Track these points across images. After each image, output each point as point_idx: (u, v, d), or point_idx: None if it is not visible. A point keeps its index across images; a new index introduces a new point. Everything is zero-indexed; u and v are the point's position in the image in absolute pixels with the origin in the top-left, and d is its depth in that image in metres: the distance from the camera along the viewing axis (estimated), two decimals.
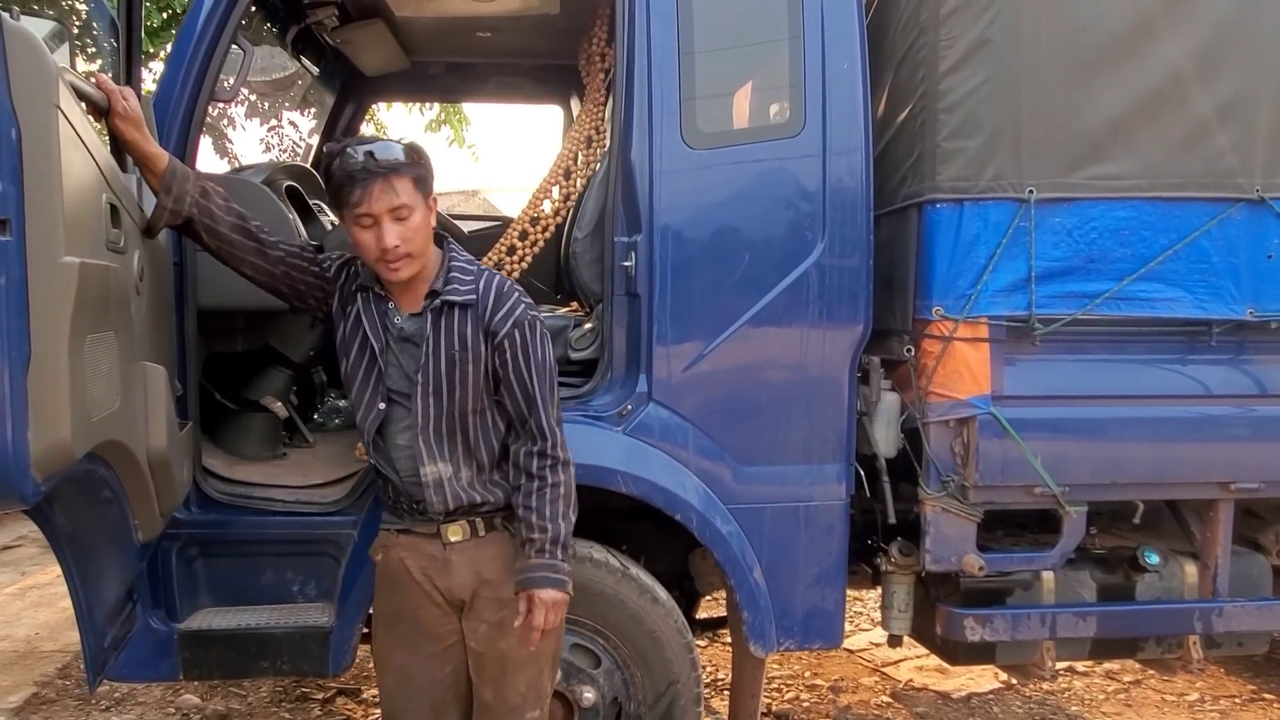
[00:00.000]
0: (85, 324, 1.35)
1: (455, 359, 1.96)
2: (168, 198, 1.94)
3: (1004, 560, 2.74)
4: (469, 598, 2.05)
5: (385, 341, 2.00)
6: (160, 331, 2.03)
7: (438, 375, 1.97)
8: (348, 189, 1.87)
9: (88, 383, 1.35)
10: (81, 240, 1.37)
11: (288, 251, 2.08)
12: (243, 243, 2.03)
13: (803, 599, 2.64)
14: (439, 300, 1.98)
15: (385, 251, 1.88)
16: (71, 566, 1.76)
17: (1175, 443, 2.69)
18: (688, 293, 2.49)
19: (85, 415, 1.35)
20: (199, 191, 1.98)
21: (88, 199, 1.41)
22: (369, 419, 2.02)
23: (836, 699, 3.83)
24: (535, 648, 1.99)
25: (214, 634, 2.45)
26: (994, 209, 2.57)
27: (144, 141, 1.92)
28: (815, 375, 2.57)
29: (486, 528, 2.06)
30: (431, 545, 2.04)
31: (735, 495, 2.57)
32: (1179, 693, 3.96)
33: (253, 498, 2.53)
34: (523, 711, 2.07)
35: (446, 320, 1.97)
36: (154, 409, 1.77)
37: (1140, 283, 2.62)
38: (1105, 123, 2.58)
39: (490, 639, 2.04)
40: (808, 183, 2.53)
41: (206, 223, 1.99)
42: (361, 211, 1.87)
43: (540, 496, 1.96)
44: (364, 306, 2.02)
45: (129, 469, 1.69)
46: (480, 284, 2.00)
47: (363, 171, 1.85)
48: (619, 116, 2.49)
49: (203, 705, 3.48)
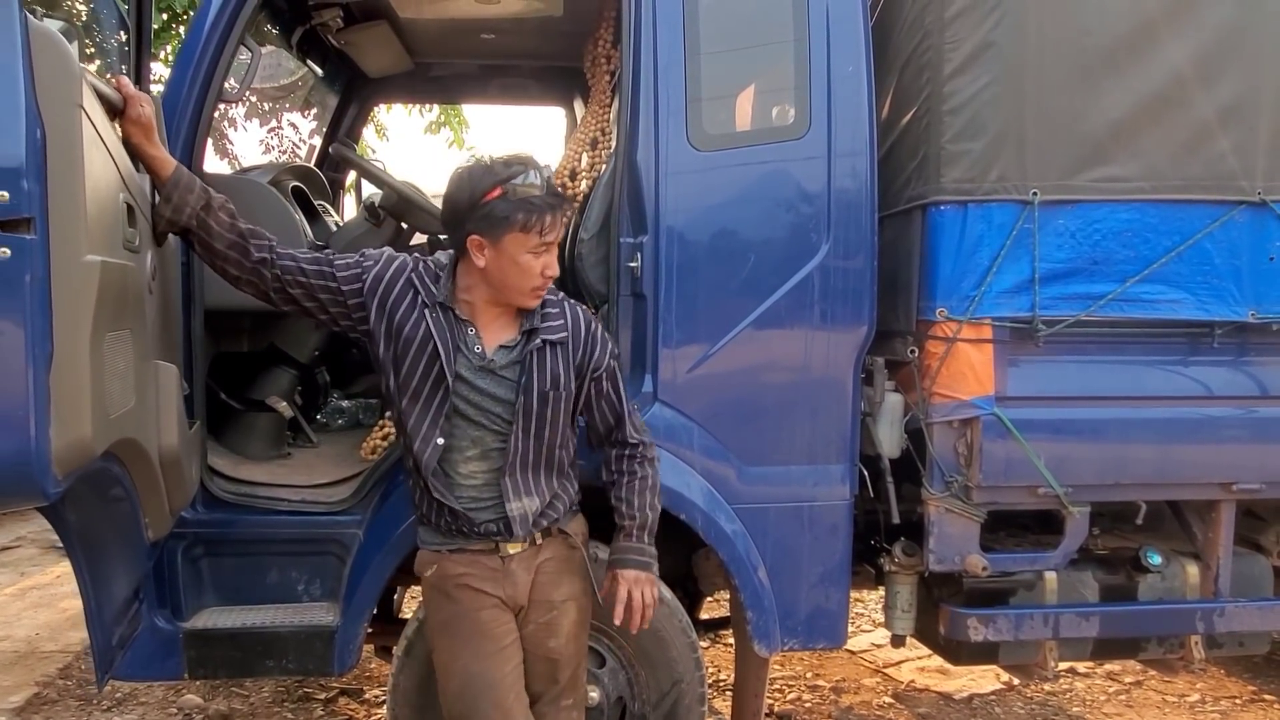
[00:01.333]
0: (105, 322, 1.36)
1: (548, 397, 1.99)
2: (166, 206, 1.91)
3: (1007, 561, 2.75)
4: (527, 603, 2.07)
5: (458, 369, 1.95)
6: (170, 331, 2.04)
7: (529, 413, 1.98)
8: (527, 214, 1.86)
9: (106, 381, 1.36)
10: (102, 239, 1.37)
11: (287, 268, 1.97)
12: (239, 260, 1.96)
13: (806, 599, 2.64)
14: (539, 340, 1.98)
15: (548, 280, 1.93)
16: (82, 564, 1.76)
17: (1177, 444, 2.70)
18: (693, 294, 2.50)
19: (104, 413, 1.35)
20: (201, 205, 1.93)
21: (108, 199, 1.42)
22: (426, 453, 1.96)
23: (838, 700, 3.84)
24: (635, 628, 2.07)
25: (219, 633, 2.45)
26: (998, 211, 2.58)
27: (152, 147, 1.90)
28: (819, 376, 2.58)
29: (542, 535, 2.08)
30: (489, 559, 2.05)
31: (740, 495, 2.58)
32: (1180, 693, 3.98)
33: (258, 497, 2.54)
34: (561, 700, 2.13)
35: (540, 358, 1.99)
36: (166, 407, 1.78)
37: (1143, 284, 2.63)
38: (1108, 125, 2.59)
39: (538, 639, 2.08)
40: (812, 185, 2.54)
41: (202, 236, 1.95)
42: (547, 240, 1.89)
43: (630, 489, 2.11)
44: (436, 326, 1.95)
45: (142, 467, 1.69)
46: (569, 319, 2.04)
47: (549, 198, 1.89)
48: (624, 118, 2.50)
49: (204, 706, 3.48)
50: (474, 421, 1.99)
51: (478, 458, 2.01)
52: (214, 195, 1.97)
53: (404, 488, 2.51)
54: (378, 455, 2.69)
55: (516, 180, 1.88)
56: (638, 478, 2.12)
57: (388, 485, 2.57)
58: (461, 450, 2.00)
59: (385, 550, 2.43)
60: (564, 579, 2.11)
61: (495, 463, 2.01)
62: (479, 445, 2.00)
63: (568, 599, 2.11)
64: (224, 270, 2.00)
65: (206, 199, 1.94)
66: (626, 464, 2.14)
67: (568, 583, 2.12)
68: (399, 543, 2.43)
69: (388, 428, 2.74)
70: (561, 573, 2.11)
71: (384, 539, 2.45)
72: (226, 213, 1.97)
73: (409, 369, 1.96)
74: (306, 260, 2.01)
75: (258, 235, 2.00)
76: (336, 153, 3.25)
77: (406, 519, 2.44)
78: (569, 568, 2.13)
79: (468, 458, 2.01)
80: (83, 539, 1.68)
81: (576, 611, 2.13)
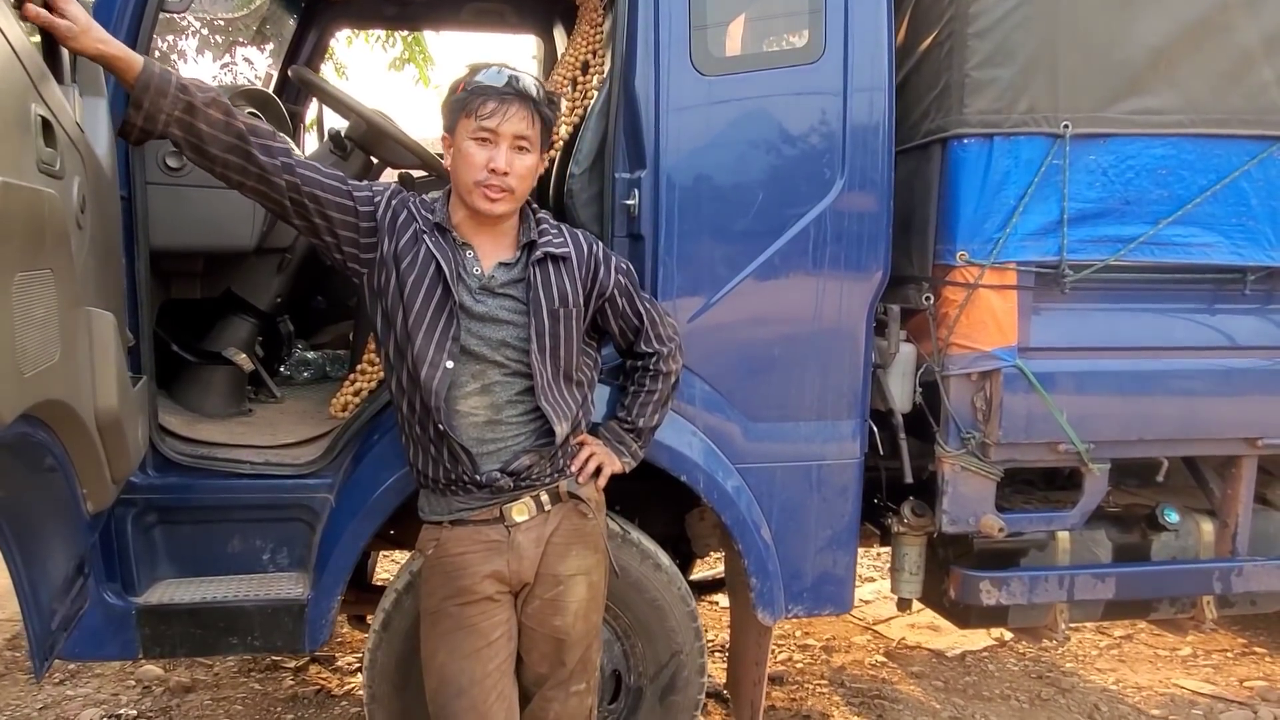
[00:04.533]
0: (13, 259, 1.09)
1: (558, 315, 1.86)
2: (137, 114, 1.65)
3: (1022, 520, 2.61)
4: (533, 579, 1.91)
5: (460, 295, 1.82)
6: (108, 274, 1.76)
7: (541, 333, 1.84)
8: (480, 100, 1.76)
9: (17, 331, 1.10)
10: (3, 156, 1.10)
11: (306, 178, 1.78)
12: (241, 165, 1.73)
13: (813, 564, 2.49)
14: (539, 252, 1.85)
15: (493, 173, 1.76)
16: (11, 544, 1.51)
17: (1204, 397, 2.56)
18: (696, 234, 2.28)
19: (15, 371, 1.09)
20: (181, 108, 1.65)
21: (9, 105, 1.14)
22: (435, 379, 1.80)
23: (829, 660, 3.73)
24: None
25: (176, 609, 2.23)
26: (1026, 145, 2.38)
27: (100, 44, 1.59)
28: (831, 325, 2.38)
29: (552, 500, 1.92)
30: (493, 531, 1.89)
31: (744, 454, 2.39)
32: (1171, 647, 3.92)
33: (217, 459, 2.30)
34: (570, 684, 1.99)
35: (543, 274, 1.86)
36: (101, 362, 1.52)
37: (1175, 226, 2.46)
38: (1146, 52, 2.38)
39: (543, 615, 1.93)
40: (826, 114, 2.31)
41: (192, 141, 1.69)
42: (487, 125, 1.76)
43: (634, 399, 2.09)
44: (437, 248, 1.82)
45: (73, 432, 1.45)
46: (569, 239, 1.93)
47: (507, 89, 1.78)
48: (621, 39, 2.25)
49: (165, 677, 3.27)
50: (474, 354, 1.83)
51: (478, 392, 1.85)
52: (197, 93, 1.68)
53: (379, 448, 2.31)
54: (349, 412, 2.45)
55: (480, 75, 1.81)
56: (644, 390, 2.09)
57: (361, 445, 2.34)
58: (462, 385, 1.84)
59: (361, 516, 2.22)
60: (573, 551, 1.93)
61: (496, 397, 1.86)
62: (479, 379, 1.85)
63: (577, 573, 1.93)
64: (225, 177, 1.78)
65: (187, 100, 1.66)
66: (638, 376, 2.09)
67: (578, 555, 1.94)
68: (375, 507, 2.22)
69: (359, 382, 2.50)
70: (571, 544, 1.93)
71: (359, 504, 2.23)
72: (219, 110, 1.70)
73: (410, 295, 1.81)
74: (325, 173, 1.83)
75: (262, 134, 1.76)
76: (297, 76, 2.93)
77: (383, 482, 2.23)
78: (580, 539, 1.95)
79: (468, 392, 1.85)
80: (9, 516, 1.43)
81: (587, 588, 1.95)
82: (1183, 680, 3.61)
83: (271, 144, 1.75)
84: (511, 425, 1.87)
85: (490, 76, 1.79)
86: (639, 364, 2.09)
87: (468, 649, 1.88)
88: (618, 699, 2.43)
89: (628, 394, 2.11)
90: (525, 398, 1.87)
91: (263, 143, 1.74)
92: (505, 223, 1.88)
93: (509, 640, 1.93)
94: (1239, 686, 3.58)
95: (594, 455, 1.99)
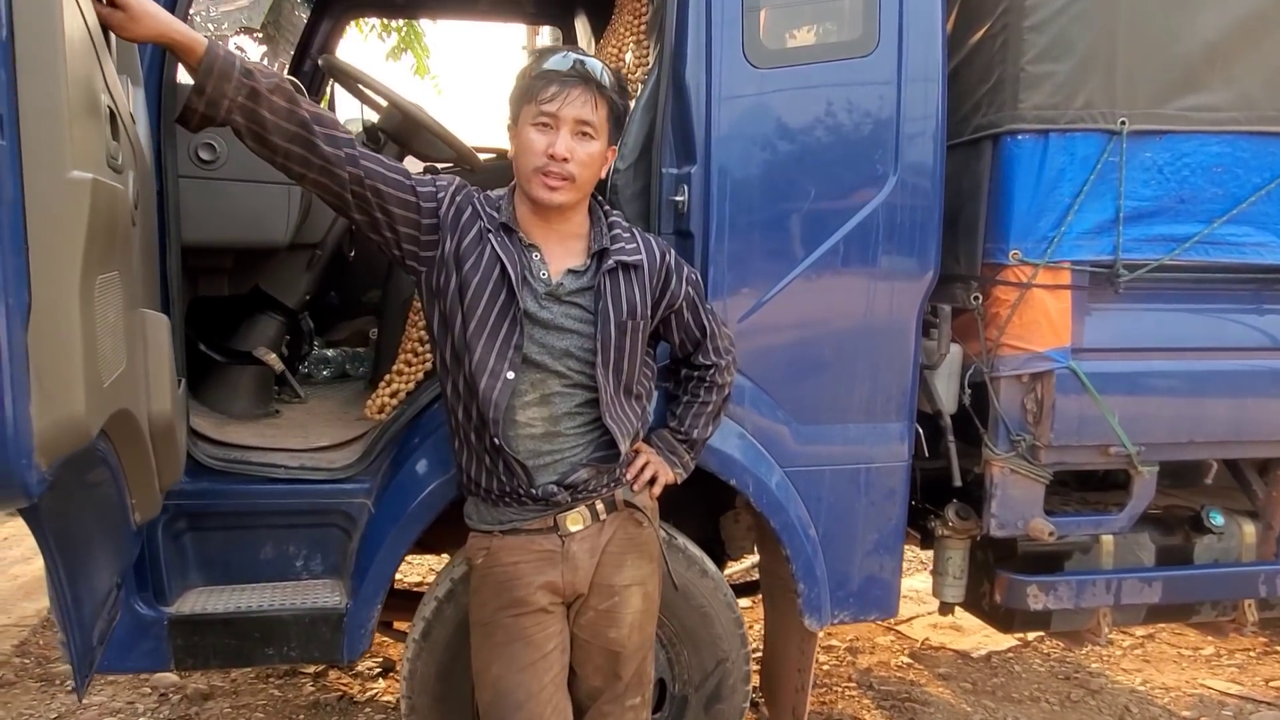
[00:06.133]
0: (95, 262, 1.00)
1: (625, 327, 1.77)
2: (199, 100, 1.55)
3: (1070, 524, 2.56)
4: (587, 589, 1.84)
5: (524, 300, 1.73)
6: (151, 272, 1.68)
7: (607, 346, 1.75)
8: (543, 84, 1.68)
9: (99, 338, 1.01)
10: (87, 152, 1.00)
11: (370, 171, 1.69)
12: (303, 156, 1.63)
13: (860, 568, 2.43)
14: (612, 260, 1.76)
15: (553, 158, 1.67)
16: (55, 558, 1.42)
17: (1256, 398, 2.52)
18: (748, 232, 2.21)
19: (98, 380, 1.01)
20: (245, 93, 1.55)
21: (90, 99, 1.04)
22: (496, 390, 1.71)
23: (855, 661, 3.68)
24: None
25: (210, 618, 2.14)
26: (1082, 141, 2.33)
27: (163, 25, 1.49)
28: (881, 325, 2.32)
29: (607, 509, 1.85)
30: (547, 540, 1.81)
31: (793, 457, 2.33)
32: (1194, 646, 3.91)
33: (251, 463, 2.21)
34: (626, 698, 1.94)
35: (613, 284, 1.77)
36: (156, 366, 1.43)
37: (1230, 225, 2.41)
38: (1203, 47, 2.34)
39: (598, 627, 1.86)
40: (880, 108, 2.25)
41: (254, 129, 1.60)
42: (548, 110, 1.67)
43: (687, 409, 2.01)
44: (502, 249, 1.73)
45: (131, 441, 1.36)
46: (641, 243, 1.84)
47: (571, 74, 1.69)
48: (670, 30, 2.17)
49: (182, 684, 3.18)
50: (534, 363, 1.75)
51: (536, 403, 1.77)
52: (261, 78, 1.59)
53: (420, 451, 2.23)
54: (386, 414, 2.37)
55: (546, 60, 1.73)
56: (698, 401, 2.02)
57: (400, 448, 2.26)
58: (521, 394, 1.75)
59: (403, 523, 2.14)
60: (629, 560, 1.87)
61: (555, 408, 1.78)
62: (539, 389, 1.76)
63: (632, 584, 1.87)
64: (286, 168, 1.68)
65: (251, 85, 1.57)
66: (692, 386, 2.02)
67: (633, 564, 1.87)
68: (418, 514, 2.14)
69: (396, 383, 2.42)
70: (626, 553, 1.86)
71: (400, 510, 2.15)
72: (283, 96, 1.61)
73: (472, 298, 1.72)
74: (389, 166, 1.74)
75: (325, 123, 1.67)
76: (326, 64, 2.83)
77: (425, 487, 2.16)
78: (635, 548, 1.88)
79: (526, 402, 1.76)
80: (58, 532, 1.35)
81: (642, 599, 1.88)
82: (1209, 680, 3.59)
83: (337, 134, 1.66)
84: (569, 437, 1.80)
85: (555, 61, 1.71)
86: (694, 374, 2.02)
87: (523, 661, 1.81)
88: (662, 707, 2.37)
89: (680, 403, 2.04)
90: (585, 409, 1.79)
91: (327, 132, 1.65)
92: (572, 221, 1.79)
93: (563, 653, 1.87)
94: (1265, 686, 3.57)
95: (649, 464, 1.93)
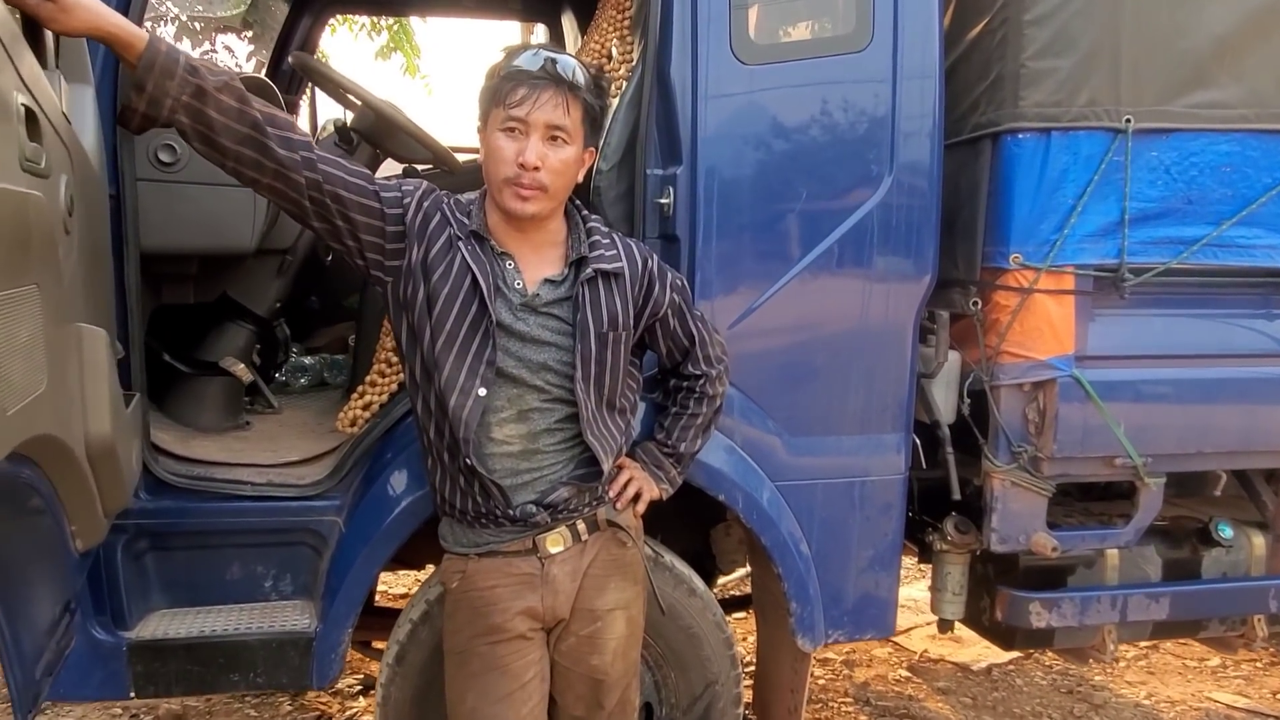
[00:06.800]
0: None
1: (606, 339, 1.67)
2: (139, 98, 1.44)
3: (1074, 538, 2.46)
4: (568, 614, 1.74)
5: (498, 311, 1.63)
6: (96, 283, 1.56)
7: (587, 359, 1.66)
8: (512, 86, 1.57)
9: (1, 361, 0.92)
10: None
11: (329, 175, 1.58)
12: (256, 159, 1.52)
13: (855, 586, 2.34)
14: (591, 269, 1.66)
15: (523, 167, 1.56)
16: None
17: (1267, 406, 2.42)
18: (736, 235, 2.11)
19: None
20: (190, 91, 1.44)
21: None
22: (466, 408, 1.61)
23: (852, 675, 3.58)
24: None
25: (171, 644, 2.03)
26: (1086, 140, 2.23)
27: (98, 18, 1.38)
28: (876, 332, 2.23)
29: (589, 529, 1.75)
30: (525, 563, 1.71)
31: (785, 470, 2.23)
32: (1199, 658, 3.81)
33: (215, 480, 2.11)
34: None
35: (593, 293, 1.67)
36: (93, 384, 1.33)
37: (1239, 227, 2.31)
38: (1211, 42, 2.24)
39: (580, 654, 1.76)
40: (874, 105, 2.15)
41: (201, 130, 1.48)
42: (516, 115, 1.57)
43: (675, 421, 1.92)
44: (473, 258, 1.62)
45: (62, 466, 1.26)
46: (621, 251, 1.73)
47: (541, 74, 1.58)
48: (654, 23, 2.07)
49: (154, 704, 3.07)
50: (510, 377, 1.65)
51: (514, 419, 1.67)
52: (208, 75, 1.47)
53: (392, 467, 2.12)
54: (358, 428, 2.26)
55: (515, 58, 1.62)
56: (687, 414, 1.92)
57: (372, 464, 2.16)
58: (496, 411, 1.65)
59: (374, 542, 2.04)
60: (612, 583, 1.77)
61: (534, 424, 1.69)
62: (515, 404, 1.66)
63: (615, 608, 1.77)
64: (238, 173, 1.56)
65: (197, 83, 1.45)
66: (681, 397, 1.93)
67: (616, 587, 1.77)
68: (391, 532, 2.04)
69: (369, 395, 2.31)
70: (609, 575, 1.77)
71: (373, 528, 2.05)
72: (232, 96, 1.49)
73: (441, 310, 1.62)
74: (349, 170, 1.63)
75: (279, 124, 1.55)
76: (298, 62, 2.72)
77: (399, 504, 2.05)
78: (619, 570, 1.78)
79: (503, 419, 1.66)
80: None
81: (626, 623, 1.78)
82: (1216, 693, 3.49)
83: (292, 136, 1.55)
84: (548, 454, 1.70)
85: (525, 60, 1.60)
86: (683, 384, 1.92)
87: (500, 692, 1.71)
88: None
89: (668, 415, 1.94)
90: (564, 425, 1.69)
91: (281, 134, 1.53)
92: (547, 228, 1.69)
93: (542, 681, 1.76)
94: (1272, 699, 3.47)
95: (633, 480, 1.83)
